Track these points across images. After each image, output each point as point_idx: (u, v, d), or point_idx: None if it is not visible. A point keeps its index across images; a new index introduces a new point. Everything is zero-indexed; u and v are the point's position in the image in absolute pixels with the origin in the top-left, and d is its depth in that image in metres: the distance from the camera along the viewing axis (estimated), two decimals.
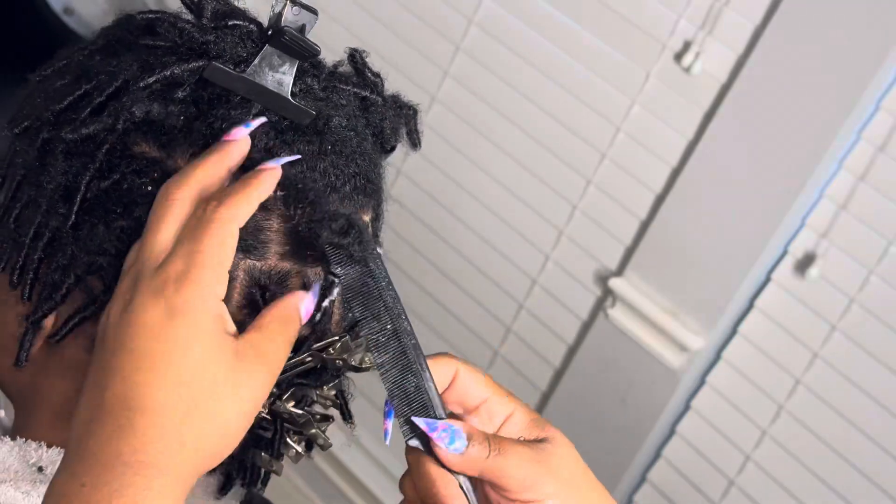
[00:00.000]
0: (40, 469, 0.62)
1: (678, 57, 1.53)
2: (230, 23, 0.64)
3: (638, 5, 1.56)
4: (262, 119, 0.62)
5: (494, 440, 0.61)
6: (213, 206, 0.57)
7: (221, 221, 0.56)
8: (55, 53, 0.68)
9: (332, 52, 0.71)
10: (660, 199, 1.58)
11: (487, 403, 0.63)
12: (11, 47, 1.73)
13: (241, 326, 0.59)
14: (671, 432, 1.63)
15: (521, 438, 0.63)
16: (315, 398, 0.67)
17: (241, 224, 0.58)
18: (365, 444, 1.96)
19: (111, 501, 0.51)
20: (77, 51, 0.67)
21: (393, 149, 0.72)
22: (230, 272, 0.58)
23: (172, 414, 0.53)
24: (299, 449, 0.67)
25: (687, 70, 1.52)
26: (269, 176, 0.60)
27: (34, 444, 0.64)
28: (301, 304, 0.59)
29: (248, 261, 0.61)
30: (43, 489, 0.60)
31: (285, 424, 0.66)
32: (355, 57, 0.70)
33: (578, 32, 1.62)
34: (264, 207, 0.61)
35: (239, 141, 0.60)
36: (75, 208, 0.61)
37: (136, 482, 0.51)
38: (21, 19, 2.06)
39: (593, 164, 1.64)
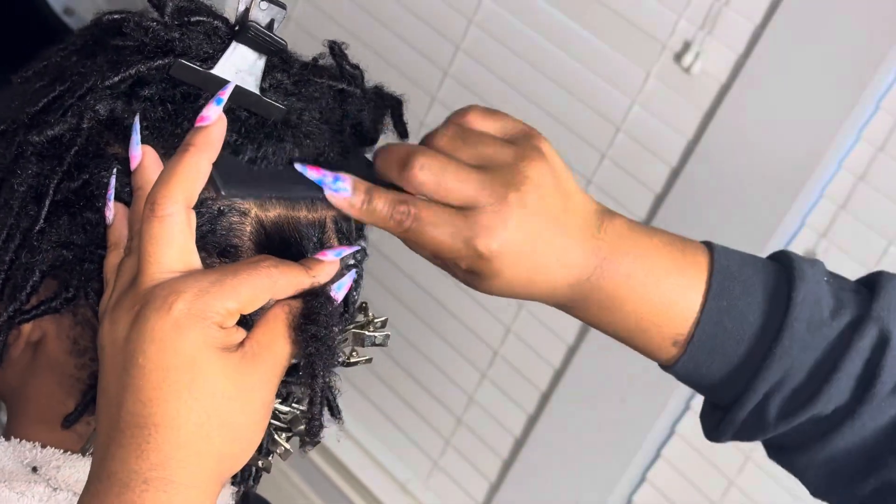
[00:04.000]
0: (35, 469, 0.62)
1: (678, 57, 1.53)
2: (194, 19, 0.64)
3: (638, 5, 1.56)
4: (231, 85, 0.59)
5: (373, 191, 0.62)
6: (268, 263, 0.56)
7: (267, 275, 0.55)
8: (37, 55, 0.68)
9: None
10: (659, 199, 1.58)
11: None
12: (11, 47, 1.72)
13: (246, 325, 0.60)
14: (671, 432, 1.63)
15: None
16: (302, 395, 0.67)
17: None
18: (357, 437, 1.96)
19: None
20: (55, 52, 0.67)
21: (374, 141, 0.72)
22: None
23: (186, 426, 0.52)
24: (287, 446, 0.67)
25: (687, 70, 1.52)
26: (330, 268, 0.59)
27: (28, 445, 0.64)
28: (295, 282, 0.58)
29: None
30: (37, 489, 0.60)
31: (273, 422, 0.66)
32: (334, 49, 0.70)
33: (578, 32, 1.62)
34: (241, 212, 0.61)
35: (214, 124, 0.57)
36: (44, 211, 0.61)
37: (158, 499, 0.51)
38: (21, 19, 2.05)
39: (593, 163, 1.64)
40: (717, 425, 0.69)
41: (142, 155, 0.59)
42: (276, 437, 0.67)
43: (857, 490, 0.66)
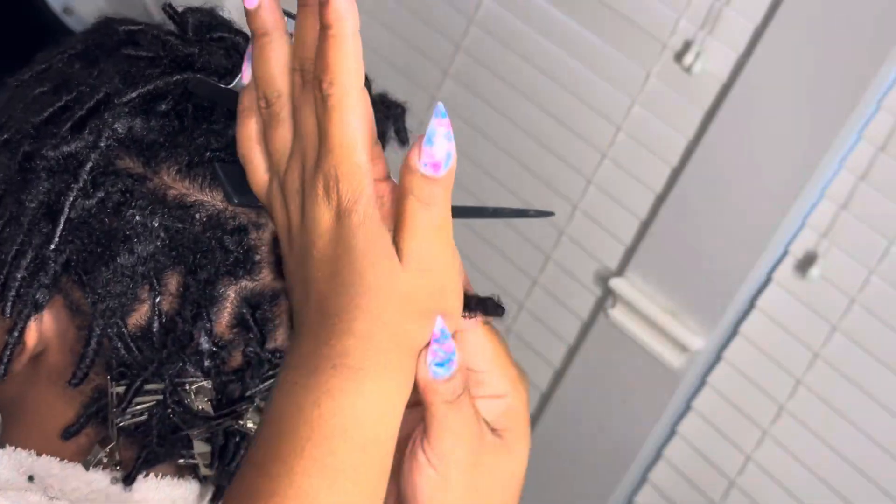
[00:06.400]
0: (31, 478, 0.62)
1: (678, 57, 1.53)
2: (216, 35, 0.63)
3: (638, 5, 1.56)
4: None
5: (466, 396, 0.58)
6: (327, 90, 0.54)
7: (343, 103, 0.54)
8: (34, 57, 0.66)
9: None
10: (660, 199, 1.58)
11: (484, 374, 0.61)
12: (11, 47, 1.73)
13: (231, 344, 0.60)
14: (671, 432, 1.63)
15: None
16: None
17: (360, 87, 0.55)
18: None
19: (320, 402, 0.51)
20: (55, 56, 0.65)
21: (381, 149, 0.71)
22: (220, 292, 0.59)
23: (369, 317, 0.52)
24: None
25: (687, 70, 1.52)
26: (348, 8, 0.57)
27: (24, 453, 0.63)
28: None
29: (242, 282, 0.61)
30: (31, 497, 0.60)
31: None
32: None
33: (578, 32, 1.62)
34: (257, 225, 0.61)
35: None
36: (59, 229, 0.59)
37: (346, 387, 0.51)
38: (21, 19, 2.05)
39: (593, 163, 1.64)
40: None
41: None
42: None
43: None
